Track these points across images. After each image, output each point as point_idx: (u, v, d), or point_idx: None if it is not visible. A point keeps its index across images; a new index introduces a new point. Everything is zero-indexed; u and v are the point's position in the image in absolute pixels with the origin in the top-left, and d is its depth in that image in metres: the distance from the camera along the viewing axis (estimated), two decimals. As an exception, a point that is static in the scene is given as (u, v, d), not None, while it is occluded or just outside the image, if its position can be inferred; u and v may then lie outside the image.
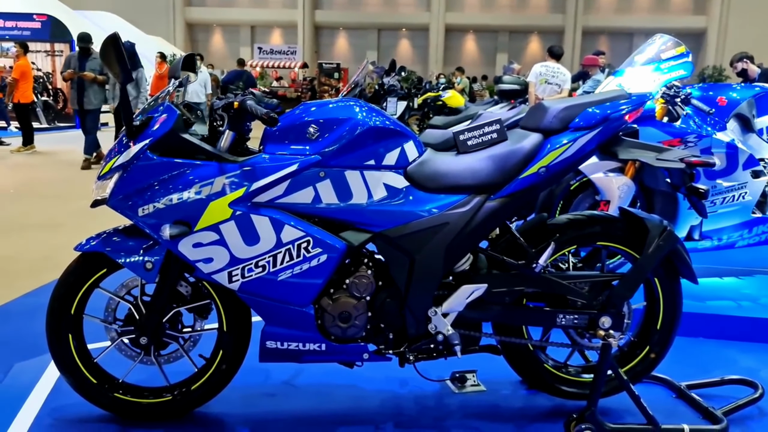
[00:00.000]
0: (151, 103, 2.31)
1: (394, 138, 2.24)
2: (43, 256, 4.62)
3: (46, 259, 4.53)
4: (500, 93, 9.15)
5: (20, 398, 2.53)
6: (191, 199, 2.11)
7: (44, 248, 4.86)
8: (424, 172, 2.26)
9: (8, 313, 3.53)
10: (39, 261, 4.51)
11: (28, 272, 4.22)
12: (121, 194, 2.14)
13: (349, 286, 2.27)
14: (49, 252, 4.72)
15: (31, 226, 5.57)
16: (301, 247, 2.16)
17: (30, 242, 5.04)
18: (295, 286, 2.19)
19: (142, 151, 2.13)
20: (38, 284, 3.91)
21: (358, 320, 2.28)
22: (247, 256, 2.15)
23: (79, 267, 2.30)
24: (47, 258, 4.56)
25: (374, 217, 2.21)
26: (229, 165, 2.14)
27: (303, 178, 2.16)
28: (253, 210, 2.14)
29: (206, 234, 2.13)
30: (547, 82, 8.23)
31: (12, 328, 3.31)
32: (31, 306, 3.52)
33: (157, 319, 2.31)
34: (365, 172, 2.20)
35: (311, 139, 2.18)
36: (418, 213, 2.23)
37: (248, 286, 2.19)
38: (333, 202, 2.19)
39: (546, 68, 8.36)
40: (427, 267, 2.25)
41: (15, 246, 4.94)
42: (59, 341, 2.31)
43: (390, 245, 2.24)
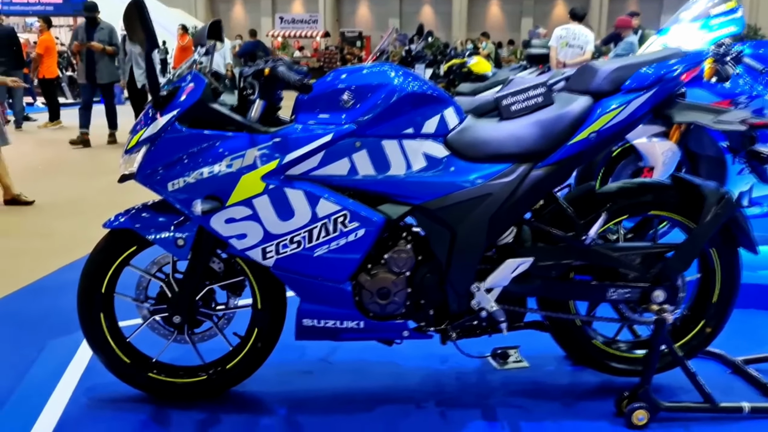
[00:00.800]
0: (178, 73, 2.20)
1: (434, 104, 2.11)
2: (73, 232, 4.60)
3: (76, 235, 4.51)
4: (529, 58, 8.89)
5: (54, 377, 2.50)
6: (222, 173, 2.01)
7: (74, 224, 4.83)
8: (466, 140, 2.14)
9: (40, 290, 3.51)
10: (69, 237, 4.49)
11: (59, 249, 4.20)
12: (149, 168, 2.06)
13: (388, 262, 2.17)
14: (79, 228, 4.70)
15: (60, 203, 5.55)
16: (337, 222, 2.06)
17: (59, 218, 5.03)
18: (331, 261, 2.10)
19: (170, 122, 2.03)
20: (69, 260, 3.89)
21: (398, 296, 2.19)
22: (282, 231, 2.06)
23: (108, 244, 2.23)
24: (77, 234, 4.53)
25: (413, 188, 2.10)
26: (261, 136, 2.03)
27: (338, 149, 2.05)
28: (287, 183, 2.03)
29: (239, 209, 2.03)
30: (569, 45, 7.95)
31: (44, 304, 3.28)
32: (63, 282, 3.49)
33: (189, 298, 2.23)
34: (403, 141, 2.08)
35: (346, 107, 2.06)
36: (460, 184, 2.11)
37: (283, 262, 2.10)
38: (370, 173, 2.07)
39: (566, 31, 8.07)
40: (469, 240, 2.14)
41: (45, 223, 4.92)
42: (91, 320, 2.25)
43: (430, 218, 2.13)
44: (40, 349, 2.74)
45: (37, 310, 3.21)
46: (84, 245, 2.58)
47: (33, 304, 3.31)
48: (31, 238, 4.55)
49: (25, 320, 3.09)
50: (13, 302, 3.35)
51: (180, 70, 2.19)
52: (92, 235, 2.35)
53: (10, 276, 3.68)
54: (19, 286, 3.53)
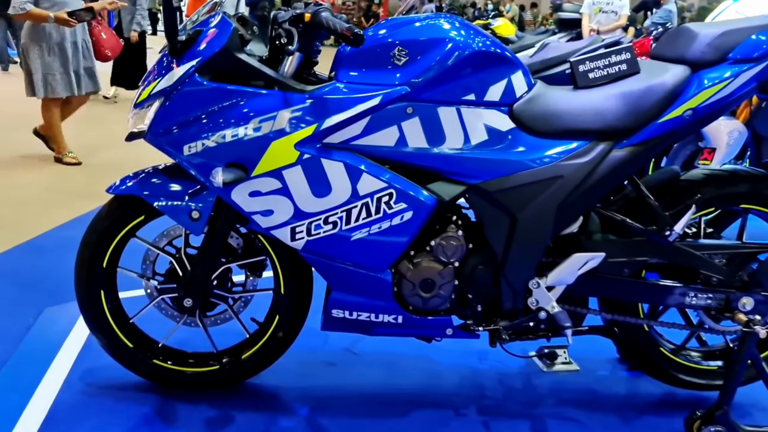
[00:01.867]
0: (201, 14, 1.87)
1: (501, 66, 1.78)
2: (78, 185, 4.30)
3: (82, 188, 4.21)
4: (560, 22, 8.41)
5: (49, 353, 2.23)
6: (248, 137, 1.69)
7: (81, 176, 4.53)
8: (535, 112, 1.81)
9: (41, 248, 3.22)
10: (75, 190, 4.19)
11: (64, 202, 3.91)
12: (162, 127, 1.74)
13: (434, 249, 1.86)
14: (87, 180, 4.40)
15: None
16: (381, 201, 1.74)
17: (65, 170, 4.72)
18: (371, 247, 1.79)
19: (189, 73, 1.70)
20: (74, 215, 3.61)
21: (443, 289, 1.89)
22: (316, 209, 1.75)
23: (112, 212, 1.92)
24: (84, 187, 4.24)
25: (471, 165, 1.78)
26: (296, 95, 1.71)
27: (386, 115, 1.73)
28: (324, 153, 1.72)
29: (266, 181, 1.72)
30: (602, 11, 7.46)
31: (45, 264, 3.00)
32: (66, 240, 3.19)
33: (203, 278, 1.94)
34: (463, 108, 1.76)
35: (398, 64, 1.73)
36: (525, 162, 1.79)
37: (314, 245, 1.79)
38: (421, 145, 1.75)
39: None
40: (531, 229, 1.83)
41: (49, 174, 4.62)
42: (90, 297, 1.96)
43: (487, 201, 1.82)
44: (35, 315, 2.48)
45: (35, 271, 2.93)
46: (91, 199, 2.25)
47: (32, 263, 3.03)
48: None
49: (25, 280, 2.82)
50: (15, 258, 3.08)
51: (201, 12, 1.85)
52: (101, 188, 2.03)
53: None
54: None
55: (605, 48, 5.78)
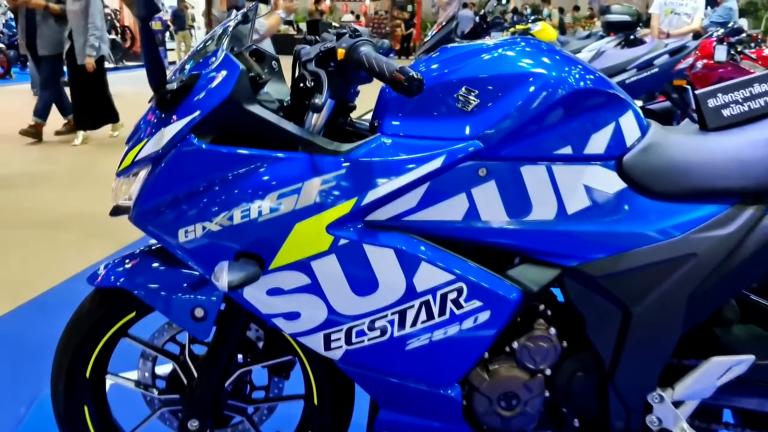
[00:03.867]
0: (199, 51, 1.43)
1: (606, 107, 1.30)
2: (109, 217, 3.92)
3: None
4: (608, 25, 7.86)
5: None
6: (264, 218, 1.24)
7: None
8: (653, 166, 1.32)
9: (46, 308, 2.83)
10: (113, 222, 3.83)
11: (106, 233, 3.57)
12: (150, 204, 1.30)
13: (518, 352, 1.39)
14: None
15: (103, 177, 4.84)
16: (447, 299, 1.27)
17: (101, 195, 4.33)
18: (434, 358, 1.32)
19: (183, 134, 1.26)
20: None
21: (530, 405, 1.41)
22: (357, 311, 1.29)
23: (95, 308, 1.49)
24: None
25: (567, 242, 1.30)
26: (327, 158, 1.25)
27: (452, 180, 1.26)
28: (368, 236, 1.25)
29: (290, 275, 1.26)
30: (674, 12, 6.84)
31: (44, 330, 2.61)
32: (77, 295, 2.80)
33: (212, 390, 1.49)
34: (555, 166, 1.28)
35: (465, 111, 1.26)
36: (643, 236, 1.31)
37: (356, 356, 1.33)
38: (499, 218, 1.28)
39: None
40: (653, 327, 1.34)
41: (88, 199, 4.24)
42: (70, 417, 1.53)
43: (591, 289, 1.33)
44: (30, 404, 2.07)
45: (37, 336, 2.53)
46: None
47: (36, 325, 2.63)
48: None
49: (22, 352, 2.42)
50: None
51: (199, 48, 1.41)
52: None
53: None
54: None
55: (670, 54, 5.27)
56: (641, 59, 5.07)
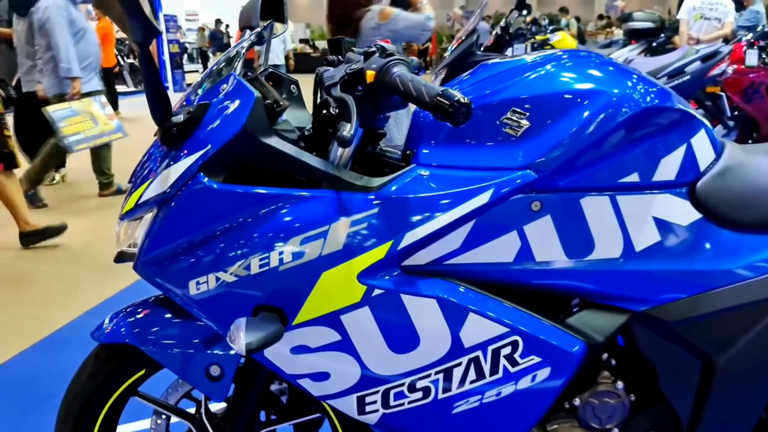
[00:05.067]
0: (209, 77, 1.28)
1: (676, 127, 1.13)
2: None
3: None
4: (631, 33, 7.67)
5: None
6: (286, 266, 1.07)
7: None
8: (731, 191, 1.14)
9: (62, 344, 2.69)
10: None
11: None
12: (157, 253, 1.14)
13: (580, 410, 1.20)
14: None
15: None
16: (500, 355, 1.10)
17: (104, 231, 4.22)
18: (485, 422, 1.14)
19: (191, 172, 1.10)
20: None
21: (595, 470, 1.22)
22: (395, 371, 1.12)
23: (101, 367, 1.33)
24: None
25: (635, 283, 1.12)
26: (356, 196, 1.08)
27: (500, 217, 1.09)
28: (406, 284, 1.08)
29: (316, 331, 1.10)
30: (704, 17, 6.60)
31: (59, 370, 2.47)
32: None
33: (233, 457, 1.32)
34: (620, 197, 1.11)
35: (514, 136, 1.09)
36: (724, 273, 1.13)
37: (395, 420, 1.16)
38: (555, 258, 1.11)
39: (701, 1, 6.71)
40: (741, 378, 1.15)
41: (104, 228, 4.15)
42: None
43: (664, 336, 1.15)
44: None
45: (50, 377, 2.39)
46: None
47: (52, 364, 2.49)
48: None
49: (32, 394, 2.28)
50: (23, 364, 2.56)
51: (208, 74, 1.26)
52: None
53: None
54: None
55: (702, 60, 5.06)
56: (672, 66, 4.87)
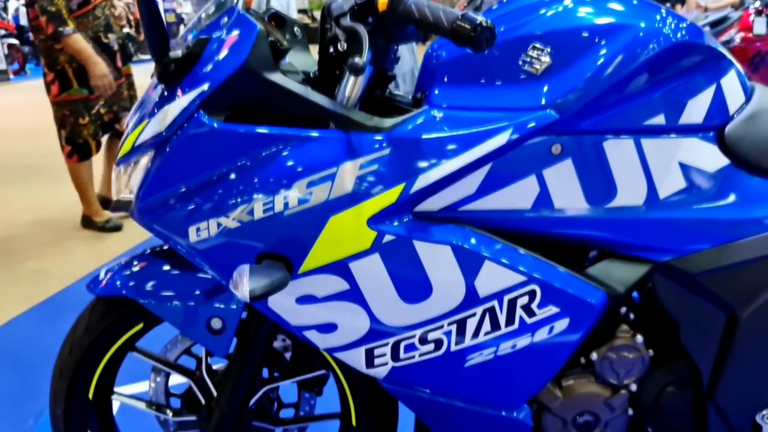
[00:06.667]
0: (209, 14, 1.20)
1: (705, 66, 1.06)
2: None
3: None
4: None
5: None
6: (291, 211, 1.02)
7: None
8: (762, 136, 1.08)
9: (61, 309, 2.65)
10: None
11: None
12: (154, 198, 1.08)
13: (597, 365, 1.16)
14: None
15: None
16: (517, 305, 1.04)
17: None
18: (499, 375, 1.10)
19: (190, 111, 1.04)
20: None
21: (611, 426, 1.18)
22: (406, 322, 1.06)
23: (97, 321, 1.28)
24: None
25: (658, 232, 1.07)
26: (367, 137, 1.02)
27: (519, 160, 1.03)
28: (418, 230, 1.03)
29: (323, 280, 1.04)
30: None
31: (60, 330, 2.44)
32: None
33: (234, 413, 1.28)
34: (645, 140, 1.05)
35: (534, 74, 1.02)
36: (752, 222, 1.08)
37: (405, 374, 1.11)
38: (576, 205, 1.05)
39: None
40: (764, 333, 1.11)
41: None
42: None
43: (687, 288, 1.10)
44: (38, 417, 1.89)
45: (52, 338, 2.35)
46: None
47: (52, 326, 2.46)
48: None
49: (33, 356, 2.24)
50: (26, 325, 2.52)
51: (209, 10, 1.18)
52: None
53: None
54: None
55: (711, 26, 4.96)
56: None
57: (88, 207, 3.61)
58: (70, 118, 3.36)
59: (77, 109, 3.34)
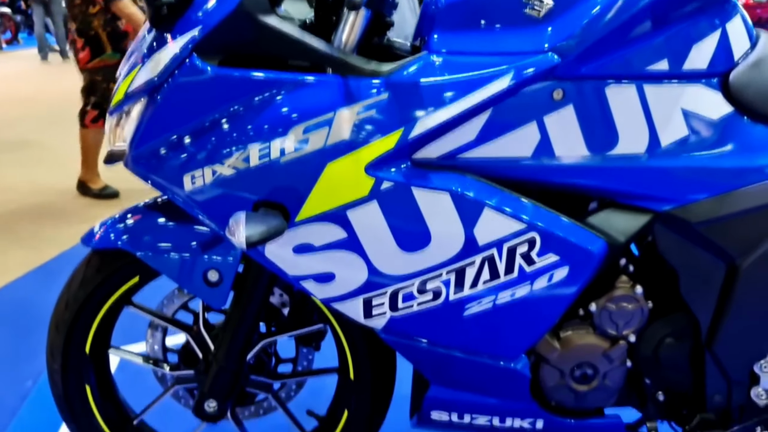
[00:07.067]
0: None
1: (710, 10, 1.04)
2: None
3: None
4: None
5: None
6: (288, 158, 1.00)
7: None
8: (767, 83, 1.07)
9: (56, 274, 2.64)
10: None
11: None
12: (148, 146, 1.06)
13: (596, 316, 1.15)
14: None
15: None
16: (516, 254, 1.04)
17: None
18: (498, 325, 1.09)
19: (184, 55, 1.02)
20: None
21: (609, 377, 1.18)
22: (404, 270, 1.06)
23: (93, 274, 1.27)
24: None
25: (659, 181, 1.06)
26: (365, 81, 1.00)
27: (519, 106, 1.01)
28: (417, 177, 1.01)
29: (320, 228, 1.03)
30: None
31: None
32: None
33: (232, 367, 1.28)
34: (647, 86, 1.03)
35: (535, 17, 1.00)
36: (754, 171, 1.07)
37: (403, 324, 1.10)
38: (577, 153, 1.04)
39: None
40: (764, 283, 1.10)
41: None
42: (71, 398, 1.33)
43: (687, 238, 1.09)
44: (37, 377, 1.90)
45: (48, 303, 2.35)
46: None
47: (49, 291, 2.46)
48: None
49: (30, 320, 2.25)
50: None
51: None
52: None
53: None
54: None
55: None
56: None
57: (87, 172, 3.59)
58: (102, 84, 3.33)
59: (110, 74, 3.31)
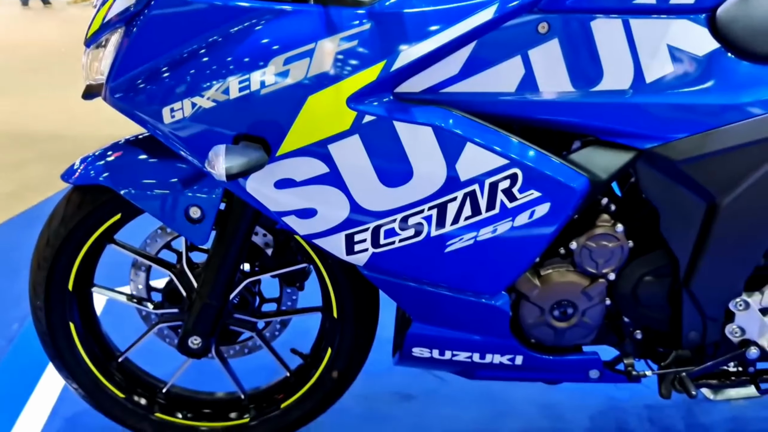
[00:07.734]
0: None
1: (699, -59, 1.02)
2: (96, 133, 3.65)
3: (100, 137, 3.57)
4: None
5: (34, 376, 1.68)
6: (268, 90, 0.99)
7: (97, 120, 3.86)
8: (755, 19, 1.06)
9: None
10: (91, 139, 3.56)
11: (79, 151, 3.33)
12: (126, 78, 1.04)
13: (576, 253, 1.16)
14: (104, 126, 3.73)
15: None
16: (498, 189, 1.04)
17: (81, 114, 4.05)
18: (479, 262, 1.10)
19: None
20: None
21: (588, 315, 1.20)
22: (386, 206, 1.06)
23: (74, 211, 1.26)
24: (103, 135, 3.59)
25: (642, 118, 1.06)
26: (346, 11, 0.98)
27: (503, 39, 1.00)
28: (399, 111, 1.00)
29: (302, 162, 1.03)
30: None
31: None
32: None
33: (215, 305, 1.28)
34: (633, 20, 1.01)
35: (522, -53, 0.98)
36: (738, 109, 1.07)
37: (385, 260, 1.11)
38: (561, 89, 1.03)
39: None
40: (744, 220, 1.11)
41: (63, 118, 3.98)
42: (55, 337, 1.34)
43: (668, 176, 1.10)
44: (23, 320, 1.91)
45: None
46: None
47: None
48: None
49: (15, 265, 2.24)
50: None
51: None
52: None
53: None
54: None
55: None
56: None
57: None
58: None
59: None
